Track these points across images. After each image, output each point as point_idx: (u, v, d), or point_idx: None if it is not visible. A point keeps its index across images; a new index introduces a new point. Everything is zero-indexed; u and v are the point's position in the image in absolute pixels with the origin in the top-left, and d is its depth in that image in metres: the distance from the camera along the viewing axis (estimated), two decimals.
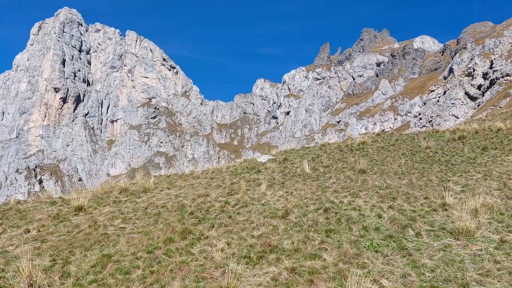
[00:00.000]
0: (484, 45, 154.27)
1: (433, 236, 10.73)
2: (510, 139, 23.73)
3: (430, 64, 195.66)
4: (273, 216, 12.55)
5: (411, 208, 12.95)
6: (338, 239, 10.75)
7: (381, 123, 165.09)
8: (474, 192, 14.12)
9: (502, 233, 10.58)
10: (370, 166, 18.69)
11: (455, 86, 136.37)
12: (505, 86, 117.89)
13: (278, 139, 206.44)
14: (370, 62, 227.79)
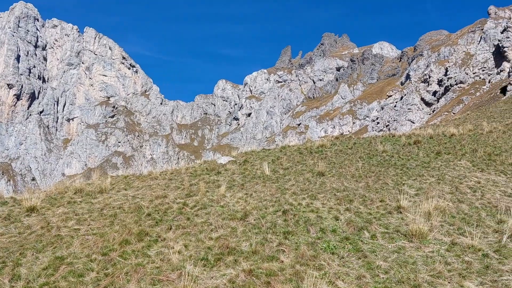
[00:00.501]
0: (439, 52, 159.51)
1: (387, 238, 10.97)
2: (462, 145, 24.58)
3: (388, 69, 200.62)
4: (232, 218, 12.52)
5: (367, 211, 13.21)
6: (296, 241, 10.84)
7: (340, 126, 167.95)
8: (427, 195, 14.54)
9: (453, 236, 10.94)
10: (328, 169, 18.94)
11: (412, 92, 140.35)
12: (458, 93, 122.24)
13: (239, 140, 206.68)
14: (330, 66, 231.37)
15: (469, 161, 20.66)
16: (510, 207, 14.05)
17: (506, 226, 11.11)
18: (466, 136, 27.54)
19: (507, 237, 10.51)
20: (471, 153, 22.39)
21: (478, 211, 13.62)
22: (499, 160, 21.22)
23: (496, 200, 15.29)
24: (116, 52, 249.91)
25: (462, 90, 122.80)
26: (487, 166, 20.03)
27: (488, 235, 11.12)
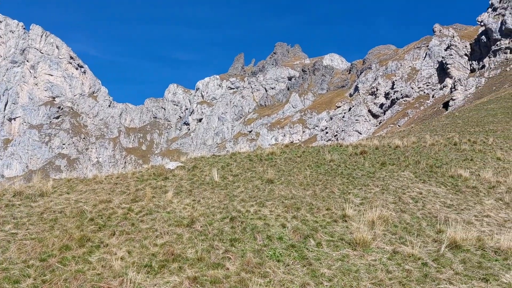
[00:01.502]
0: (387, 66, 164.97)
1: (332, 246, 11.14)
2: (406, 156, 25.40)
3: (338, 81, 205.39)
4: (178, 224, 12.33)
5: (314, 219, 13.37)
6: (242, 248, 10.80)
7: (291, 135, 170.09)
8: (372, 204, 14.89)
9: (395, 245, 11.24)
10: (277, 176, 19.05)
11: (360, 104, 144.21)
12: (404, 106, 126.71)
13: (189, 146, 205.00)
14: (282, 75, 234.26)
15: (412, 172, 21.37)
16: (449, 218, 14.62)
17: (444, 236, 11.53)
18: (410, 148, 28.50)
19: (445, 247, 10.90)
20: (414, 164, 23.16)
21: (419, 221, 14.08)
22: (440, 172, 22.07)
23: (436, 211, 15.87)
24: (64, 51, 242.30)
25: (407, 104, 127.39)
26: (428, 178, 20.78)
27: (427, 245, 11.50)
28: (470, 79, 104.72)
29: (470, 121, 46.94)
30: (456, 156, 27.46)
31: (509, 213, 17.49)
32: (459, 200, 17.95)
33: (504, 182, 21.66)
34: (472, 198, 18.50)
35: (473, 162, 26.44)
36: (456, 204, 17.28)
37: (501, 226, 15.55)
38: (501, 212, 17.31)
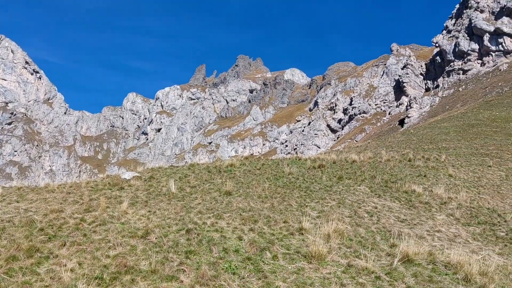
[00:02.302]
0: (346, 83, 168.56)
1: (288, 259, 11.14)
2: (362, 171, 25.87)
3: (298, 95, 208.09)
4: (133, 235, 12.05)
5: (271, 231, 13.35)
6: (198, 261, 10.65)
7: (251, 147, 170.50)
8: (328, 218, 15.03)
9: (350, 258, 11.36)
10: (236, 189, 18.98)
11: (319, 118, 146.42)
12: (361, 122, 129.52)
13: (147, 156, 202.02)
14: (243, 88, 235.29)
15: (368, 187, 21.76)
16: (402, 232, 14.94)
17: (397, 250, 11.74)
18: (366, 163, 29.05)
19: (397, 261, 11.10)
20: (370, 179, 23.61)
21: (373, 235, 14.31)
22: (394, 187, 22.59)
23: (390, 225, 16.19)
24: (19, 55, 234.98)
25: (364, 120, 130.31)
26: (383, 193, 21.22)
27: (381, 258, 11.69)
28: (425, 98, 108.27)
29: (424, 139, 48.38)
30: (410, 172, 28.19)
31: (459, 228, 18.06)
32: (412, 215, 18.39)
33: (455, 198, 22.38)
34: (424, 213, 19.00)
35: (426, 178, 27.21)
36: (409, 219, 17.69)
37: (451, 241, 16.01)
38: (452, 228, 17.84)
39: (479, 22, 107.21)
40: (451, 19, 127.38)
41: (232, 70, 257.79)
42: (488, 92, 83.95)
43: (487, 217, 20.31)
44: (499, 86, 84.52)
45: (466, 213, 20.30)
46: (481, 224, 19.15)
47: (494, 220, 20.03)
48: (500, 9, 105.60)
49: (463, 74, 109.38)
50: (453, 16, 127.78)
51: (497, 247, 16.80)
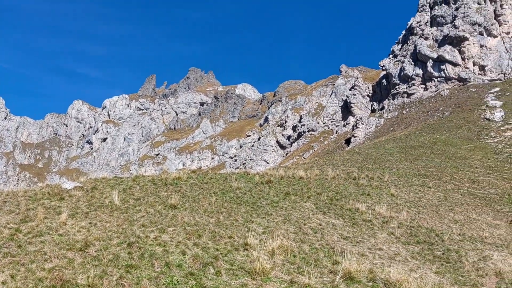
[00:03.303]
0: (296, 101, 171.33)
1: (232, 275, 11.03)
2: (309, 187, 26.21)
3: (249, 110, 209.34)
4: (71, 248, 11.57)
5: (215, 247, 13.21)
6: (138, 275, 10.35)
7: (199, 160, 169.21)
8: (273, 234, 15.05)
9: (293, 274, 11.39)
10: (182, 202, 18.69)
11: (269, 134, 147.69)
12: (310, 140, 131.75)
13: (91, 166, 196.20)
14: (194, 100, 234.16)
15: (313, 204, 22.04)
16: (345, 249, 15.17)
17: (340, 267, 11.90)
18: (313, 180, 29.48)
19: (339, 278, 11.24)
20: (316, 196, 23.94)
21: (317, 251, 14.45)
22: (339, 204, 23.00)
23: (333, 242, 16.43)
24: None
25: (313, 138, 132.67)
26: (328, 210, 21.55)
27: (324, 275, 11.80)
28: (370, 119, 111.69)
29: (369, 158, 49.74)
30: (355, 190, 28.84)
31: (399, 247, 18.57)
32: (355, 232, 18.75)
33: (396, 217, 23.06)
34: (367, 231, 19.43)
35: (369, 196, 27.91)
36: (352, 236, 18.03)
37: (391, 259, 16.42)
38: (392, 246, 18.32)
39: (423, 48, 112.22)
40: (398, 44, 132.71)
41: (183, 82, 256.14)
42: (430, 116, 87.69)
43: (425, 236, 21.02)
44: (440, 111, 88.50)
45: (406, 232, 20.93)
46: (420, 243, 19.79)
47: (432, 240, 20.76)
48: (443, 37, 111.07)
49: (407, 98, 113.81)
50: (399, 41, 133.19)
51: (434, 266, 17.39)
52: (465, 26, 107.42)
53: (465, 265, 18.66)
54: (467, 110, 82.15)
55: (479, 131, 67.54)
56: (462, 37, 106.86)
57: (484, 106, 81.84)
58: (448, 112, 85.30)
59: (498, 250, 22.09)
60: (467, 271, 18.05)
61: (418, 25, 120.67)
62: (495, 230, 27.51)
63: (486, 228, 27.43)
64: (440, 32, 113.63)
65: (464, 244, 21.48)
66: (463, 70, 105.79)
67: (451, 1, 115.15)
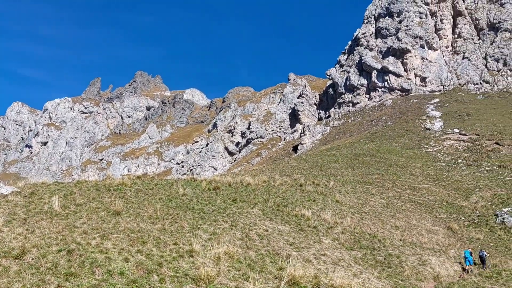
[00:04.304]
0: (245, 107, 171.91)
1: (176, 282, 10.84)
2: (256, 194, 26.29)
3: (197, 116, 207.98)
4: (6, 255, 10.99)
5: (160, 253, 12.95)
6: (78, 284, 9.96)
7: (145, 166, 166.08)
8: (220, 240, 14.95)
9: (238, 281, 11.35)
10: (126, 208, 18.23)
11: (217, 140, 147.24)
12: (258, 147, 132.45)
13: (30, 170, 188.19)
14: (140, 104, 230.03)
15: (260, 210, 22.11)
16: (290, 255, 15.29)
17: (285, 273, 11.96)
18: (260, 186, 29.61)
19: (284, 283, 11.30)
20: (263, 202, 24.05)
21: (263, 257, 14.47)
22: (285, 211, 23.20)
23: (279, 248, 16.52)
24: None
25: (261, 144, 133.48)
26: (275, 216, 21.68)
27: (269, 281, 11.82)
28: (317, 127, 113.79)
29: (315, 165, 50.58)
30: (301, 197, 29.22)
31: (343, 252, 18.94)
32: (301, 238, 18.95)
33: (340, 223, 23.53)
34: (312, 237, 19.69)
35: (315, 203, 28.36)
36: (298, 242, 18.21)
37: (335, 265, 16.72)
38: (336, 251, 18.67)
39: (368, 59, 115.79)
40: (344, 54, 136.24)
41: (130, 86, 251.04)
42: (374, 125, 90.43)
43: (368, 242, 21.57)
44: (383, 120, 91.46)
45: (350, 237, 21.39)
46: (363, 249, 20.28)
47: (375, 245, 21.33)
48: (387, 49, 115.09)
49: (352, 107, 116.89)
50: (345, 51, 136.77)
51: (376, 271, 17.85)
52: (408, 39, 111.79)
53: (405, 269, 19.28)
54: (409, 120, 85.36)
55: (419, 140, 70.30)
56: (404, 49, 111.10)
57: (425, 116, 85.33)
58: (391, 121, 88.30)
59: (436, 255, 22.99)
60: (407, 276, 18.65)
61: (363, 36, 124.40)
62: (433, 235, 28.65)
63: (425, 233, 28.52)
64: (384, 43, 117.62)
65: (405, 249, 22.21)
66: (406, 81, 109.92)
67: (395, 14, 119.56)
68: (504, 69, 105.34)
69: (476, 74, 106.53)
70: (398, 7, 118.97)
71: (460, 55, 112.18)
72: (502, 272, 21.26)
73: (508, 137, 63.08)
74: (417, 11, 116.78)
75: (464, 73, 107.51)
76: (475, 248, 26.05)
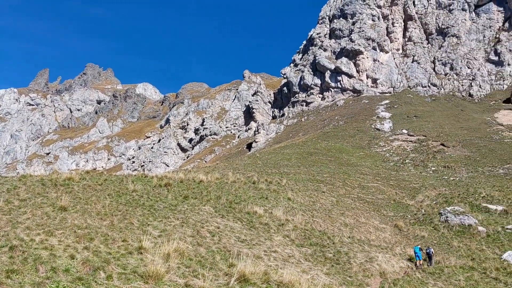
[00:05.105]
0: (199, 103, 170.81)
1: (124, 279, 10.61)
2: (209, 191, 26.15)
3: (149, 111, 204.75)
4: None
5: (108, 250, 12.65)
6: (20, 281, 9.56)
7: (94, 161, 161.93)
8: (170, 237, 14.77)
9: (188, 278, 11.24)
10: (73, 204, 17.70)
11: (170, 136, 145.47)
12: (211, 143, 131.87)
13: None
14: (91, 98, 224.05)
15: (212, 207, 22.01)
16: (241, 252, 15.31)
17: (235, 270, 11.96)
18: (213, 183, 29.48)
19: (234, 280, 11.29)
20: (216, 199, 23.96)
21: (213, 254, 14.41)
22: (238, 208, 23.21)
23: (230, 245, 16.51)
24: None
25: (215, 141, 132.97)
26: (227, 213, 21.65)
27: (219, 278, 11.78)
28: (271, 125, 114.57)
29: (269, 163, 50.93)
30: (254, 194, 29.32)
31: (294, 249, 19.16)
32: (252, 235, 19.02)
33: (292, 220, 23.79)
34: (263, 234, 19.80)
35: (267, 200, 28.53)
36: (249, 239, 18.26)
37: (285, 261, 16.88)
38: (287, 248, 18.85)
39: (322, 59, 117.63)
40: (299, 53, 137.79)
41: (80, 78, 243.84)
42: (326, 124, 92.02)
43: (318, 239, 21.92)
44: (336, 120, 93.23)
45: (300, 234, 21.66)
46: (313, 246, 20.59)
47: (324, 242, 21.70)
48: (341, 50, 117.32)
49: (306, 106, 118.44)
50: (300, 51, 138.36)
51: (325, 267, 18.17)
52: (361, 41, 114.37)
53: (353, 266, 19.74)
54: (360, 120, 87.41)
55: (370, 140, 72.13)
56: (357, 51, 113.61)
57: (375, 117, 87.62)
58: (343, 121, 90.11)
59: (383, 252, 23.66)
60: (354, 272, 19.10)
61: (318, 36, 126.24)
62: (381, 233, 29.48)
63: (373, 231, 29.30)
64: (338, 44, 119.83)
65: (353, 246, 22.73)
66: (358, 82, 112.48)
67: (349, 16, 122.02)
68: (451, 73, 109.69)
69: (425, 77, 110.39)
70: (352, 9, 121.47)
71: (410, 58, 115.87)
72: (445, 268, 22.14)
73: (453, 139, 65.77)
74: (370, 14, 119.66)
75: (414, 76, 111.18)
76: (422, 245, 27.01)
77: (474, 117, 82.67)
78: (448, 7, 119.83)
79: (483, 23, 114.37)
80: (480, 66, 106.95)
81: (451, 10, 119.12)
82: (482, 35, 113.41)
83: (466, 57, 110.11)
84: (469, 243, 29.00)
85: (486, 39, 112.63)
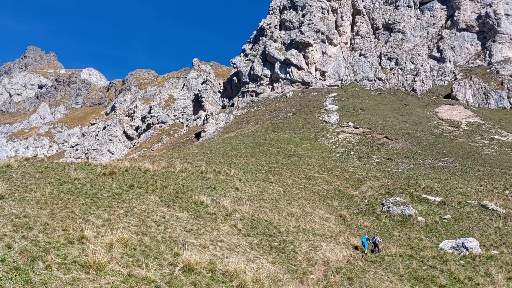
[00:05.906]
0: (146, 91, 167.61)
1: (63, 269, 10.26)
2: (155, 180, 25.74)
3: (94, 97, 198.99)
4: None
5: (47, 240, 12.18)
6: None
7: (35, 148, 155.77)
8: (114, 227, 14.43)
9: (131, 267, 11.02)
10: (10, 192, 16.92)
11: (116, 124, 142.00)
12: (159, 132, 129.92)
13: None
14: (32, 82, 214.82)
15: (158, 197, 21.68)
16: (187, 242, 15.19)
17: (180, 259, 11.84)
18: (159, 172, 29.06)
19: (179, 270, 11.19)
20: (162, 189, 23.61)
21: (158, 244, 14.21)
22: (185, 197, 22.99)
23: (176, 235, 16.34)
24: None
25: (162, 130, 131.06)
26: (173, 203, 21.39)
27: (163, 267, 11.63)
28: (221, 115, 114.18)
29: (217, 153, 50.78)
30: (202, 184, 29.16)
31: (240, 238, 19.23)
32: (198, 225, 18.91)
33: (239, 210, 23.85)
34: (210, 223, 19.73)
35: (215, 190, 28.46)
36: (195, 229, 18.14)
37: (231, 251, 16.92)
38: (233, 238, 18.89)
39: (272, 50, 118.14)
40: (249, 43, 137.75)
41: (20, 61, 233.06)
42: (276, 115, 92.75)
43: (265, 228, 22.10)
44: (285, 111, 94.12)
45: (247, 224, 21.76)
46: (259, 235, 20.74)
47: (271, 232, 21.91)
48: (291, 41, 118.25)
49: (256, 96, 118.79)
50: (251, 41, 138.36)
51: (270, 256, 18.37)
52: (310, 33, 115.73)
53: (298, 255, 20.06)
54: (308, 112, 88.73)
55: (317, 132, 73.40)
56: (307, 43, 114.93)
57: (323, 109, 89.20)
58: (291, 112, 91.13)
59: (327, 241, 24.19)
60: (299, 261, 19.42)
61: (268, 27, 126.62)
62: (325, 222, 30.13)
63: (318, 220, 29.91)
64: (288, 36, 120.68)
65: (299, 235, 23.08)
66: (307, 74, 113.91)
67: (299, 7, 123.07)
68: (396, 68, 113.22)
69: (371, 71, 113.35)
70: (302, 1, 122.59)
71: (358, 52, 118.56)
72: (385, 257, 22.92)
73: (396, 132, 68.05)
74: (320, 7, 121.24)
75: (360, 70, 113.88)
76: (369, 235, 27.83)
77: (417, 111, 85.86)
78: (395, 3, 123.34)
79: (427, 20, 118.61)
80: (424, 62, 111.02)
81: (397, 6, 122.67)
82: (426, 31, 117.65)
83: (410, 52, 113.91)
84: (409, 233, 30.19)
85: (430, 35, 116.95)
